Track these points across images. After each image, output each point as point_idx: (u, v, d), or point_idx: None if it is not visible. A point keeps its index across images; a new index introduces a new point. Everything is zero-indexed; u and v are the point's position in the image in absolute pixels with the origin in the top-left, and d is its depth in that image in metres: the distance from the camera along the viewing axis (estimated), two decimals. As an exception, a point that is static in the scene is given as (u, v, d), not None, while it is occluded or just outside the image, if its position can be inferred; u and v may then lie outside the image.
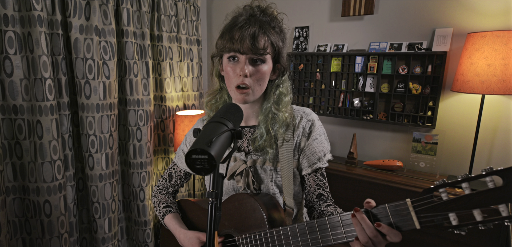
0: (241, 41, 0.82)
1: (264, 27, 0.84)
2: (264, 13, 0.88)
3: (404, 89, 1.87)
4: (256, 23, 0.83)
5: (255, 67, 0.86)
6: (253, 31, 0.82)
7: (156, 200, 1.14)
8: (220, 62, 0.94)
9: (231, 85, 0.88)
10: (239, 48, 0.83)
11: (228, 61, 0.87)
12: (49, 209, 1.61)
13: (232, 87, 0.88)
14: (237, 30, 0.83)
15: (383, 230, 0.65)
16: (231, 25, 0.85)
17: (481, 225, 0.59)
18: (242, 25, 0.82)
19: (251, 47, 0.82)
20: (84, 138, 1.77)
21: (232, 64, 0.87)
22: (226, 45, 0.84)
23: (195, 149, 0.54)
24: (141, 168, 2.08)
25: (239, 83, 0.85)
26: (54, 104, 1.56)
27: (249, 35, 0.81)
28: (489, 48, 1.40)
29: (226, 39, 0.85)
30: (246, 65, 0.84)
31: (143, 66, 2.05)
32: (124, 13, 1.88)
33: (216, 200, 0.63)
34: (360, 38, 2.03)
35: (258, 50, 0.83)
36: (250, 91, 0.87)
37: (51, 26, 1.57)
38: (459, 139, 1.76)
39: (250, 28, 0.82)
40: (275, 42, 0.86)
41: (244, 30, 0.82)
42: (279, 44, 0.88)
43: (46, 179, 1.57)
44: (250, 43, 0.82)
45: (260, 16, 0.86)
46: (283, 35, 0.90)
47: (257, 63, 0.86)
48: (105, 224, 1.90)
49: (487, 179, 0.58)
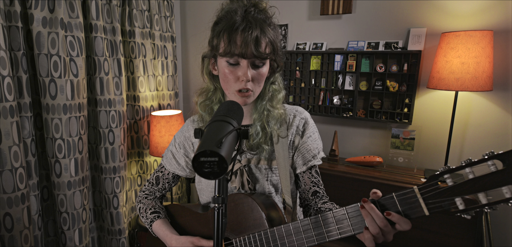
0: (245, 47, 0.78)
1: (264, 28, 0.80)
2: (258, 9, 0.84)
3: (381, 86, 1.92)
4: (256, 25, 0.79)
5: (257, 70, 0.83)
6: (255, 35, 0.78)
7: (142, 206, 1.05)
8: (211, 61, 0.89)
9: (231, 88, 0.85)
10: (242, 54, 0.78)
11: (227, 64, 0.82)
12: (10, 223, 1.43)
13: (232, 90, 0.85)
14: (239, 34, 0.78)
15: (393, 219, 0.64)
16: (230, 27, 0.79)
17: (487, 208, 0.60)
18: (244, 28, 0.78)
19: (254, 52, 0.79)
20: (50, 143, 1.61)
21: (231, 68, 0.82)
22: (227, 49, 0.79)
23: (204, 151, 0.49)
24: (114, 173, 1.94)
25: (242, 87, 0.83)
26: (14, 105, 1.39)
27: (253, 40, 0.78)
28: (463, 47, 1.47)
29: (225, 42, 0.79)
30: (249, 69, 0.81)
31: (114, 63, 1.91)
32: (93, 5, 1.73)
33: (222, 205, 0.58)
34: (339, 37, 2.05)
35: (262, 54, 0.80)
36: (251, 94, 0.85)
37: (8, 18, 1.40)
38: (434, 134, 1.84)
39: (253, 32, 0.78)
40: (273, 41, 0.83)
41: (247, 34, 0.77)
42: (276, 42, 0.85)
43: (6, 189, 1.40)
44: (254, 48, 0.78)
45: (256, 13, 0.82)
46: (277, 32, 0.87)
47: (258, 66, 0.83)
48: (75, 235, 1.75)
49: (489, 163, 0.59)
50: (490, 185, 0.59)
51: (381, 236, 0.66)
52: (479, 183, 0.60)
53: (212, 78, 0.93)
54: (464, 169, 0.61)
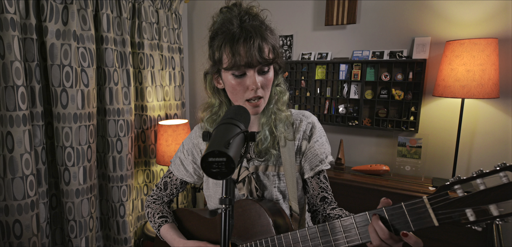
0: (250, 57, 0.78)
1: (263, 34, 0.80)
2: (251, 15, 0.84)
3: (387, 95, 1.92)
4: (256, 33, 0.79)
5: (264, 76, 0.84)
6: (258, 44, 0.78)
7: (150, 211, 1.07)
8: (214, 76, 0.90)
9: (240, 99, 0.85)
10: (249, 64, 0.79)
11: (233, 76, 0.82)
12: (19, 230, 1.46)
13: (242, 101, 0.85)
14: (242, 45, 0.78)
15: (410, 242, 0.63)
16: (230, 39, 0.79)
17: (498, 220, 0.59)
18: (245, 39, 0.78)
19: (260, 60, 0.79)
20: (60, 151, 1.64)
21: (239, 80, 0.82)
22: (232, 62, 0.79)
23: (212, 152, 0.50)
24: (121, 181, 1.96)
25: (252, 96, 0.83)
26: (27, 114, 1.43)
27: (256, 48, 0.78)
28: (468, 55, 1.48)
29: (228, 55, 0.79)
30: (257, 77, 0.82)
31: (123, 74, 1.96)
32: (104, 19, 1.79)
33: (230, 206, 0.59)
34: (343, 47, 2.08)
35: (267, 60, 0.81)
36: (262, 101, 0.86)
37: (24, 31, 1.46)
38: (442, 142, 1.83)
39: (254, 41, 0.78)
40: (274, 45, 0.84)
41: (249, 44, 0.78)
42: (277, 46, 0.86)
43: (17, 196, 1.43)
44: (259, 56, 0.79)
45: (251, 20, 0.82)
46: (275, 35, 0.88)
47: (265, 72, 0.84)
48: (82, 243, 1.76)
49: (501, 174, 0.59)
50: (502, 197, 0.58)
51: None
52: (490, 195, 0.59)
53: (217, 93, 0.93)
54: (475, 180, 0.61)
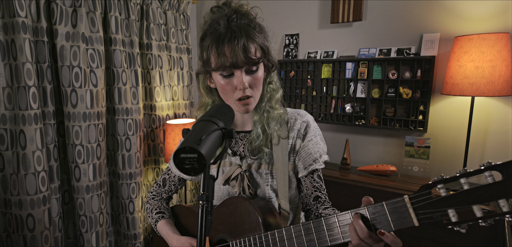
0: (234, 57, 0.78)
1: (249, 33, 0.80)
2: (240, 14, 0.84)
3: (394, 93, 1.88)
4: (241, 33, 0.79)
5: (252, 76, 0.84)
6: (242, 43, 0.78)
7: (149, 206, 1.10)
8: (207, 76, 0.91)
9: (230, 99, 0.86)
10: (234, 64, 0.79)
11: (221, 77, 0.84)
12: (32, 224, 1.53)
13: (232, 100, 0.86)
14: (226, 45, 0.78)
15: (387, 240, 0.62)
16: (216, 40, 0.80)
17: (481, 221, 0.57)
18: (230, 39, 0.78)
19: (245, 60, 0.79)
20: (70, 148, 1.71)
21: (227, 80, 0.83)
22: (218, 63, 0.80)
23: (184, 148, 0.51)
24: (130, 179, 2.02)
25: (241, 96, 0.84)
26: (38, 113, 1.50)
27: (241, 48, 0.78)
28: (476, 51, 1.42)
29: (214, 56, 0.81)
30: (244, 77, 0.82)
31: (132, 74, 2.01)
32: (112, 21, 1.85)
33: (207, 203, 0.60)
34: (349, 44, 2.04)
35: (253, 60, 0.80)
36: (252, 100, 0.86)
37: (36, 33, 1.53)
38: (451, 142, 1.77)
39: (239, 41, 0.78)
40: (262, 43, 0.83)
41: (233, 44, 0.78)
42: (265, 44, 0.85)
43: (29, 191, 1.50)
44: (244, 56, 0.79)
45: (238, 20, 0.82)
46: (265, 32, 0.87)
47: (253, 72, 0.84)
48: (93, 238, 1.83)
49: (486, 174, 0.57)
50: (486, 198, 0.56)
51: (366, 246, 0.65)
52: (473, 195, 0.57)
53: (210, 92, 0.95)
54: (459, 179, 0.59)
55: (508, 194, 0.55)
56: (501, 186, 0.55)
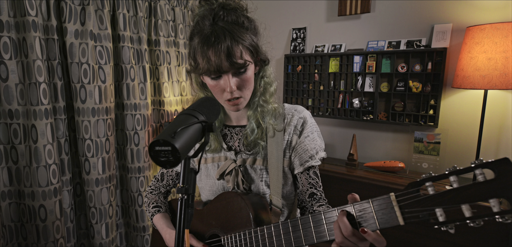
0: (219, 62, 0.76)
1: (235, 35, 0.77)
2: (227, 10, 0.81)
3: (404, 87, 1.82)
4: (225, 35, 0.75)
5: (240, 77, 0.82)
6: (226, 47, 0.75)
7: (147, 200, 1.12)
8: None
9: (220, 99, 0.86)
10: (218, 68, 0.77)
11: (210, 78, 0.83)
12: (44, 214, 1.60)
13: (222, 101, 0.86)
14: (210, 49, 0.76)
15: (369, 238, 0.61)
16: (201, 42, 0.77)
17: (470, 222, 0.54)
18: (213, 43, 0.75)
19: (230, 65, 0.77)
20: (80, 143, 1.77)
21: (215, 82, 0.82)
22: (205, 66, 0.78)
23: (158, 140, 0.52)
24: (139, 172, 2.07)
25: (229, 97, 0.83)
26: (49, 108, 1.56)
27: (224, 53, 0.75)
28: (489, 41, 1.35)
29: (200, 59, 0.79)
30: (230, 79, 0.80)
31: (140, 70, 2.05)
32: (121, 18, 1.89)
33: (186, 196, 0.60)
34: (357, 37, 1.99)
35: (238, 64, 0.78)
36: (242, 100, 0.85)
37: (46, 32, 1.59)
38: (463, 138, 1.70)
39: (222, 45, 0.75)
40: (249, 44, 0.80)
41: (217, 49, 0.75)
42: (254, 42, 0.82)
43: (41, 183, 1.57)
44: (228, 62, 0.76)
45: (225, 16, 0.79)
46: (253, 28, 0.84)
47: (241, 73, 0.82)
48: (103, 229, 1.89)
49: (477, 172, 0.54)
50: (475, 197, 0.53)
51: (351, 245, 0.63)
52: (463, 194, 0.54)
53: (203, 87, 0.94)
54: (449, 177, 0.56)
55: (499, 193, 0.52)
56: (492, 185, 0.52)
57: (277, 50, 2.33)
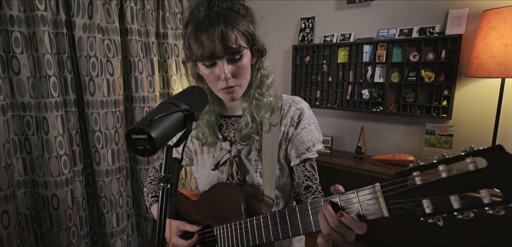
0: (212, 46, 0.75)
1: (229, 19, 0.75)
2: None
3: (416, 77, 1.74)
4: (219, 20, 0.74)
5: (235, 64, 0.80)
6: (220, 31, 0.74)
7: (146, 190, 1.14)
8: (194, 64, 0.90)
9: (215, 88, 0.85)
10: (212, 53, 0.76)
11: (204, 66, 0.81)
12: (56, 203, 1.66)
13: (217, 90, 0.85)
14: (204, 34, 0.75)
15: (345, 221, 0.58)
16: (195, 28, 0.77)
17: (458, 214, 0.51)
18: (207, 27, 0.74)
19: (224, 50, 0.76)
20: (91, 134, 1.82)
21: (210, 69, 0.81)
22: (198, 53, 0.77)
23: (134, 128, 0.51)
24: (148, 164, 2.11)
25: (224, 86, 0.82)
26: (59, 101, 1.61)
27: (218, 37, 0.74)
28: (506, 26, 1.26)
29: (194, 45, 0.78)
30: (225, 66, 0.79)
31: (148, 63, 2.08)
32: (128, 11, 1.91)
33: (168, 185, 0.60)
34: (368, 26, 1.92)
35: (232, 49, 0.77)
36: (237, 88, 0.84)
37: (55, 26, 1.63)
38: (477, 130, 1.61)
39: (216, 29, 0.74)
40: (245, 30, 0.79)
41: (210, 33, 0.74)
42: (250, 29, 0.81)
43: (53, 173, 1.63)
44: (222, 46, 0.75)
45: (220, 3, 0.78)
46: (250, 16, 0.83)
47: (236, 60, 0.80)
48: (113, 218, 1.95)
49: (468, 160, 0.51)
50: (465, 187, 0.50)
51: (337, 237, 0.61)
52: (451, 184, 0.51)
53: (199, 79, 0.93)
54: (437, 166, 0.53)
55: (490, 184, 0.48)
56: (483, 174, 0.49)
57: (285, 41, 2.29)
